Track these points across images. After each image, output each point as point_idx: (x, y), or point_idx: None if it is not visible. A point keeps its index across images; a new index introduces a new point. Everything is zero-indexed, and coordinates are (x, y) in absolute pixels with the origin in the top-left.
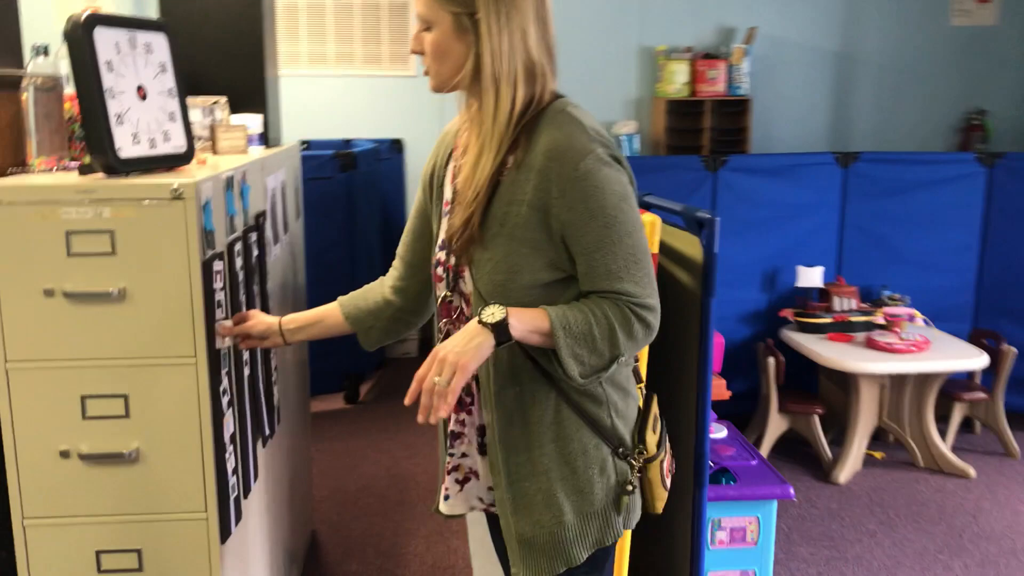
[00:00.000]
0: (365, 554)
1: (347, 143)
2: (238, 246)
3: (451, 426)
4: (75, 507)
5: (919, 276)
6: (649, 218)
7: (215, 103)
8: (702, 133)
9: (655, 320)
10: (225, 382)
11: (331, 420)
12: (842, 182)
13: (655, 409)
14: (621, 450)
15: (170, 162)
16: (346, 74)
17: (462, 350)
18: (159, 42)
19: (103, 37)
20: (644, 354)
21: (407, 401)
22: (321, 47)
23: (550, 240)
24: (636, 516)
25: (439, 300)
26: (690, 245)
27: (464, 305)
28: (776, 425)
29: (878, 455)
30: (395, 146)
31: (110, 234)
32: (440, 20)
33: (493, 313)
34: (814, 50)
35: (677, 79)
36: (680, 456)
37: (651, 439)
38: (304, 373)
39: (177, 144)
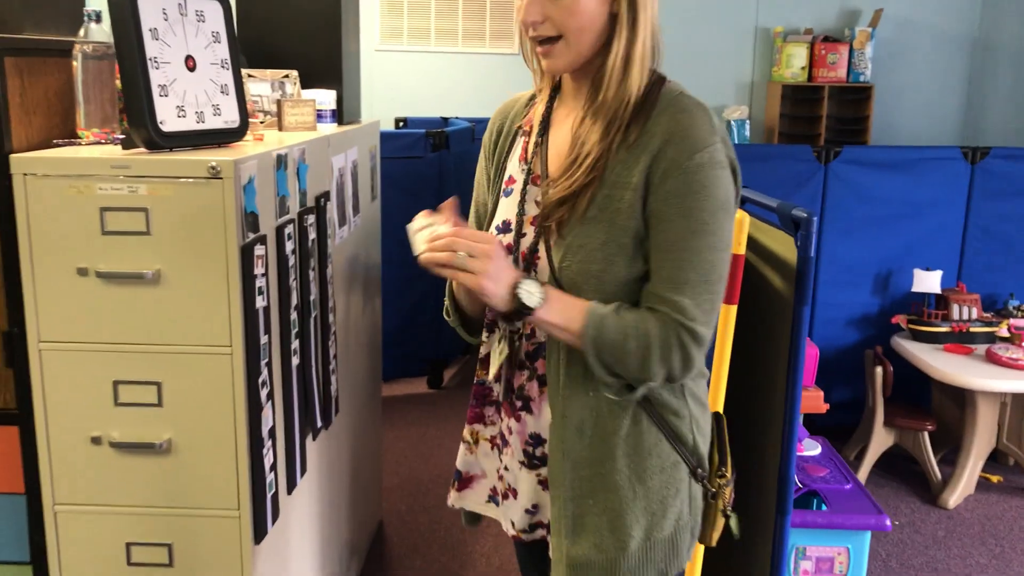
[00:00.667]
0: (430, 549)
1: (445, 121)
2: (290, 229)
3: (493, 433)
4: (106, 496)
5: None
6: (738, 215)
7: (285, 77)
8: (819, 121)
9: (698, 355)
10: (265, 373)
11: (411, 405)
12: (969, 180)
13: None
14: (699, 471)
15: (220, 138)
16: (447, 51)
17: (491, 282)
18: (213, 10)
19: (148, 3)
20: (725, 364)
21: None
22: (423, 23)
23: (647, 230)
24: (695, 546)
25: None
26: (784, 246)
27: None
28: (881, 440)
29: (995, 479)
30: None
31: (145, 212)
32: None
33: (531, 294)
34: (945, 35)
35: (794, 63)
36: (764, 477)
37: (729, 461)
38: (376, 358)
39: (229, 119)
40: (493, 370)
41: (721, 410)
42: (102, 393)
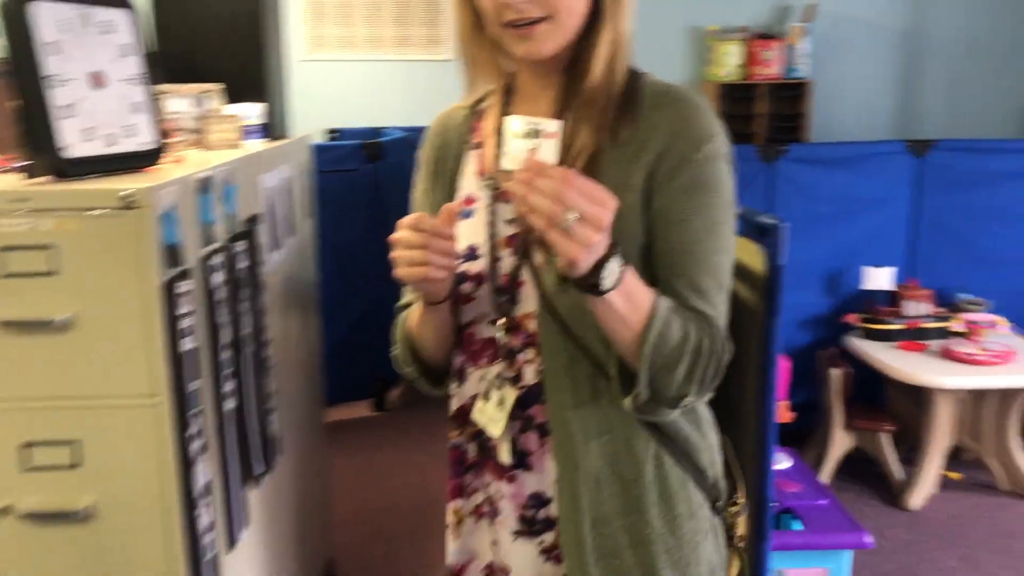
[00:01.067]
0: None
1: (378, 131)
2: (217, 259)
3: (477, 502)
4: (19, 575)
5: (1001, 277)
6: None
7: (206, 91)
8: (756, 119)
9: (722, 373)
10: (196, 425)
11: (356, 430)
12: (915, 173)
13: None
14: (719, 503)
15: (135, 162)
16: (376, 59)
17: (588, 256)
18: (122, 20)
19: (45, 13)
20: None
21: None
22: (349, 31)
23: (650, 237)
24: None
25: (464, 328)
26: (749, 254)
27: (509, 338)
28: (841, 443)
29: (955, 476)
30: None
31: (51, 251)
32: None
33: (612, 273)
34: (880, 28)
35: (729, 61)
36: None
37: (741, 486)
38: (317, 387)
39: (143, 140)
40: (500, 427)
41: None
42: (9, 457)
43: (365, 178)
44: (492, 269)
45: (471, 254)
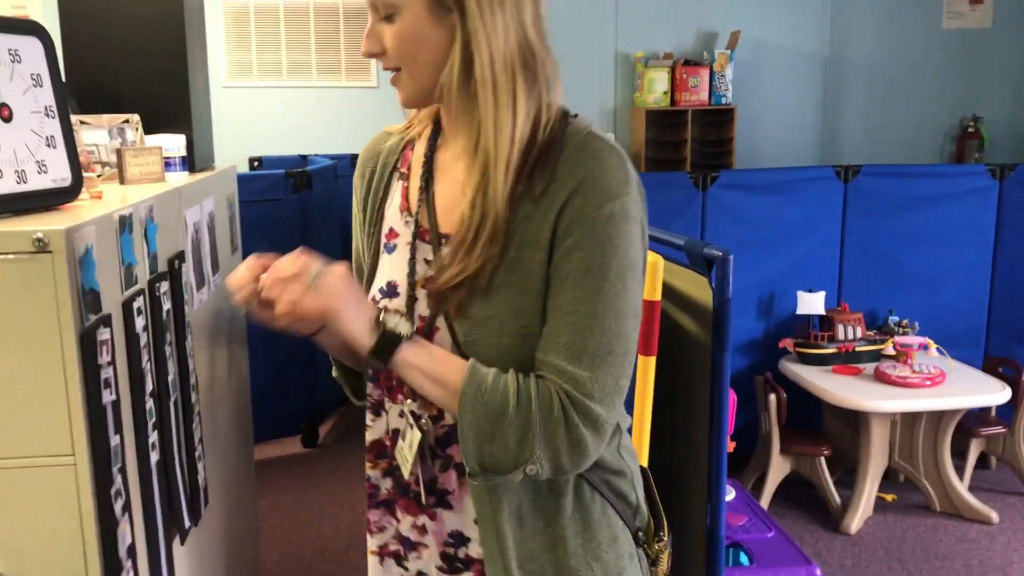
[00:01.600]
0: None
1: (304, 159)
2: (140, 302)
3: (383, 542)
4: None
5: (927, 299)
6: (651, 258)
7: (125, 122)
8: (684, 145)
9: (591, 440)
10: (118, 481)
11: (285, 468)
12: (843, 198)
13: None
14: (640, 534)
15: (49, 200)
16: (301, 85)
17: (352, 313)
18: (31, 48)
19: None
20: (648, 419)
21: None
22: (274, 57)
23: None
24: None
25: (377, 370)
26: (697, 287)
27: None
28: (779, 468)
29: (889, 498)
30: (356, 162)
31: None
32: (409, 1)
33: (397, 325)
34: (800, 54)
35: (656, 88)
36: (688, 540)
37: (664, 523)
38: (246, 428)
39: (58, 176)
40: (407, 470)
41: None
42: None
43: (291, 208)
44: (409, 308)
45: (391, 291)
